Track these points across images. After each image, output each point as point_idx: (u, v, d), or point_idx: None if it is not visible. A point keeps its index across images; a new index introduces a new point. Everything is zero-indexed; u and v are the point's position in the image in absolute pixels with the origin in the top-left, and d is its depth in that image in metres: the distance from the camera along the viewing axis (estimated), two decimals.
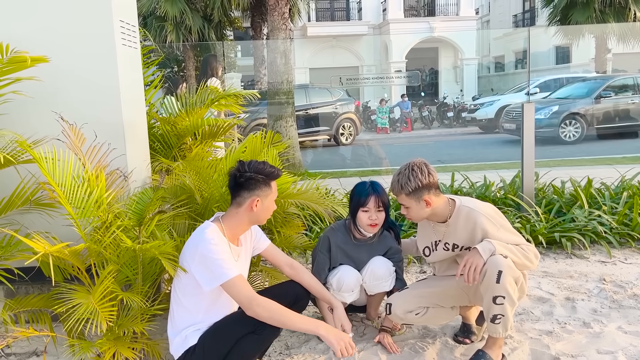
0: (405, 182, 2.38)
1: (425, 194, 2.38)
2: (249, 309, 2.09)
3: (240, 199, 2.24)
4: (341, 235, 2.80)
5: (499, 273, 2.24)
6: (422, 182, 2.36)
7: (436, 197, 2.42)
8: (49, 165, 2.25)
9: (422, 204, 2.40)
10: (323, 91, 13.99)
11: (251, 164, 2.25)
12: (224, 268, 2.09)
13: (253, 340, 2.17)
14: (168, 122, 3.39)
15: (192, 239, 2.22)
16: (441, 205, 2.44)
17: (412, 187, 2.37)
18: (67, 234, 2.38)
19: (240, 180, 2.23)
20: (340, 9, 25.80)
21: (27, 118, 2.68)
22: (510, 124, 12.75)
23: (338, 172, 8.33)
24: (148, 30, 16.66)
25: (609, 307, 3.03)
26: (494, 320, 2.31)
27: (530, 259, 2.37)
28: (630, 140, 11.66)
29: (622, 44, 16.41)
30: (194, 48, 18.46)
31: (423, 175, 2.37)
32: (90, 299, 2.06)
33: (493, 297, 2.27)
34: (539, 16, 24.25)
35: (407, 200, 2.42)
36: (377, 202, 2.68)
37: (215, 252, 2.11)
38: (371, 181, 2.78)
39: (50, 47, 2.63)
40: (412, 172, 2.37)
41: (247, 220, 2.28)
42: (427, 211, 2.43)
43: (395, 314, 2.59)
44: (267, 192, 2.26)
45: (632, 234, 4.07)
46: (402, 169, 2.42)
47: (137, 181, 2.87)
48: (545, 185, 5.09)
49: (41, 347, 2.73)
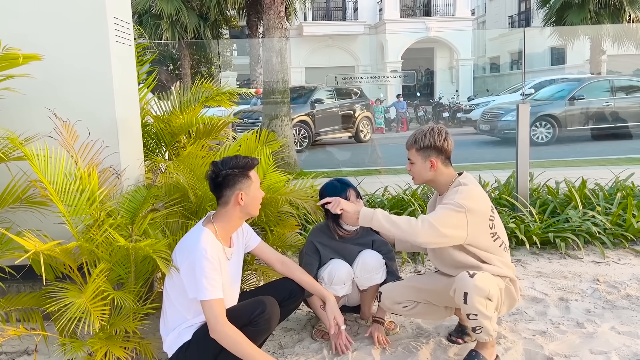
0: (420, 137, 2.44)
1: (434, 155, 2.43)
2: (215, 332, 2.09)
3: (225, 198, 2.24)
4: (324, 235, 2.83)
5: (464, 295, 2.26)
6: (435, 143, 2.42)
7: (444, 165, 2.45)
8: (41, 162, 2.23)
9: (428, 164, 2.44)
10: (347, 91, 14.66)
11: (224, 161, 2.25)
12: (207, 288, 2.09)
13: (249, 332, 2.17)
14: (162, 120, 3.38)
15: (186, 242, 2.21)
16: (445, 175, 2.46)
17: (425, 143, 2.42)
18: (59, 232, 2.36)
19: (218, 181, 2.23)
20: (336, 9, 25.80)
21: (20, 115, 2.65)
22: (485, 124, 12.92)
23: (333, 172, 8.32)
24: (144, 28, 16.61)
25: (602, 308, 3.03)
26: (474, 330, 2.35)
27: (415, 230, 2.25)
28: (624, 141, 11.72)
29: (617, 46, 16.50)
30: (189, 46, 18.42)
31: (440, 138, 2.42)
32: (82, 297, 2.04)
33: (466, 314, 2.30)
34: (535, 17, 24.33)
35: (415, 156, 2.46)
36: (356, 193, 2.77)
37: (204, 269, 2.10)
38: (337, 178, 2.83)
39: (44, 44, 2.60)
40: (431, 131, 2.44)
41: (238, 215, 2.28)
42: (430, 174, 2.45)
43: (384, 303, 2.64)
44: (247, 183, 2.26)
45: (626, 235, 4.09)
46: (423, 127, 2.48)
47: (130, 179, 2.85)
48: (539, 186, 5.10)
49: (32, 346, 2.71)
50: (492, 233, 2.41)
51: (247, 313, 2.20)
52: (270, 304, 2.24)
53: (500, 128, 12.20)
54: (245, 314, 2.20)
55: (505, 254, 2.47)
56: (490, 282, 2.30)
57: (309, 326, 2.92)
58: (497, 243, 2.43)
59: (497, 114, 12.52)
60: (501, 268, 2.40)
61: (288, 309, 2.52)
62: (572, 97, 12.12)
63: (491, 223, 2.41)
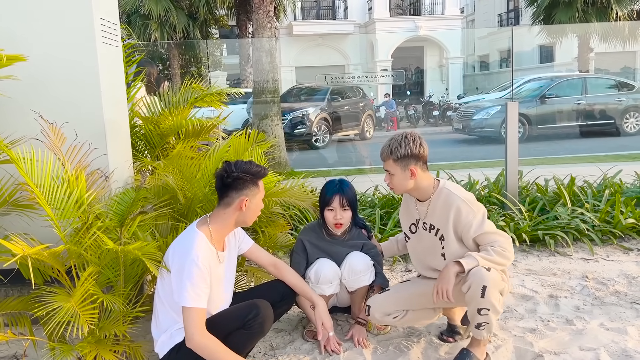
0: (395, 147, 2.39)
1: (413, 163, 2.39)
2: (191, 341, 2.07)
3: (229, 199, 2.22)
4: (314, 234, 2.83)
5: (483, 288, 2.24)
6: (411, 151, 2.37)
7: (422, 171, 2.43)
8: (27, 165, 2.20)
9: (407, 173, 2.40)
10: (356, 89, 15.09)
11: (238, 163, 2.23)
12: (190, 294, 2.07)
13: (241, 335, 2.18)
14: (151, 121, 3.35)
15: (179, 245, 2.20)
16: (425, 181, 2.44)
17: (402, 153, 2.37)
18: (46, 236, 2.33)
19: (227, 181, 2.21)
20: (326, 8, 25.79)
21: (5, 117, 2.62)
22: (458, 123, 13.09)
23: (324, 172, 8.31)
24: (132, 28, 16.49)
25: (591, 304, 3.06)
26: (479, 327, 2.33)
27: (508, 257, 2.36)
28: (612, 138, 11.83)
29: (605, 44, 16.63)
30: (178, 46, 18.33)
31: (415, 145, 2.38)
32: (70, 301, 2.02)
33: (478, 308, 2.28)
34: (523, 15, 24.46)
35: (394, 167, 2.42)
36: (341, 201, 2.71)
37: (193, 275, 2.08)
38: (340, 179, 2.81)
39: (29, 45, 2.58)
40: (405, 140, 2.39)
41: (235, 220, 2.27)
42: (410, 182, 2.42)
43: (374, 317, 2.61)
44: (255, 191, 2.25)
45: (614, 232, 4.12)
46: (395, 136, 2.43)
47: (119, 181, 2.83)
48: (529, 184, 5.13)
49: (21, 350, 2.68)
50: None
51: (240, 317, 2.20)
52: (264, 308, 2.23)
53: (472, 126, 12.40)
54: (239, 318, 2.19)
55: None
56: (501, 278, 2.33)
57: (300, 327, 2.92)
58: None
59: (469, 113, 12.70)
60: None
61: (280, 311, 2.52)
62: (542, 95, 12.27)
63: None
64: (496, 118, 11.82)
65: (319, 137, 12.87)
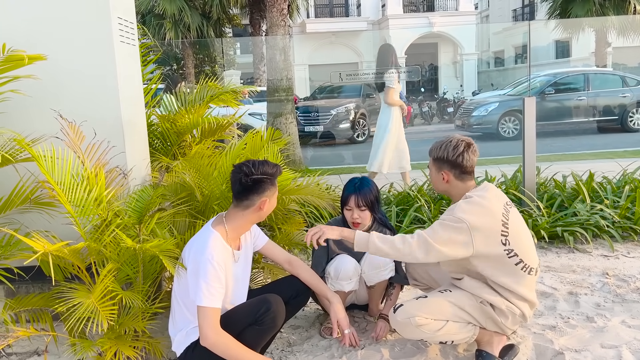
0: (436, 147, 2.38)
1: (446, 168, 2.34)
2: (206, 339, 2.07)
3: (249, 201, 2.22)
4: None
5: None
6: (447, 156, 2.32)
7: (458, 179, 2.34)
8: (48, 163, 2.23)
9: (440, 176, 2.37)
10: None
11: (256, 165, 2.22)
12: (204, 293, 2.08)
13: (254, 331, 2.18)
14: (167, 119, 3.38)
15: (195, 243, 2.21)
16: (458, 190, 2.36)
17: (438, 154, 2.36)
18: (67, 233, 2.36)
19: (248, 184, 2.20)
20: (339, 5, 25.75)
21: (26, 116, 2.66)
22: (459, 120, 13.08)
23: (338, 169, 8.31)
24: (147, 28, 16.59)
25: (612, 301, 3.02)
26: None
27: (401, 252, 2.22)
28: (632, 133, 11.63)
29: (623, 38, 16.36)
30: (193, 45, 18.43)
31: (454, 152, 2.31)
32: (90, 298, 2.04)
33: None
34: (538, 10, 24.19)
35: (431, 165, 2.43)
36: (357, 201, 2.70)
37: (207, 274, 2.09)
38: (362, 178, 2.79)
39: (49, 45, 2.61)
40: (449, 143, 2.34)
41: (253, 219, 2.29)
42: (443, 185, 2.39)
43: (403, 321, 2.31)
44: (273, 190, 2.27)
45: (635, 228, 4.06)
46: (447, 136, 2.40)
47: (137, 179, 2.85)
48: (546, 180, 5.07)
49: (42, 346, 2.72)
50: (507, 250, 2.23)
51: (252, 312, 2.20)
52: (275, 302, 2.23)
53: (471, 123, 12.36)
54: (251, 313, 2.20)
55: (524, 275, 2.27)
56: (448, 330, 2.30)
57: (317, 323, 2.92)
58: (513, 261, 2.24)
59: (469, 110, 12.67)
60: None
61: (295, 307, 2.52)
62: (542, 91, 12.11)
63: (504, 239, 2.23)
64: (494, 115, 11.78)
65: (359, 131, 13.02)
